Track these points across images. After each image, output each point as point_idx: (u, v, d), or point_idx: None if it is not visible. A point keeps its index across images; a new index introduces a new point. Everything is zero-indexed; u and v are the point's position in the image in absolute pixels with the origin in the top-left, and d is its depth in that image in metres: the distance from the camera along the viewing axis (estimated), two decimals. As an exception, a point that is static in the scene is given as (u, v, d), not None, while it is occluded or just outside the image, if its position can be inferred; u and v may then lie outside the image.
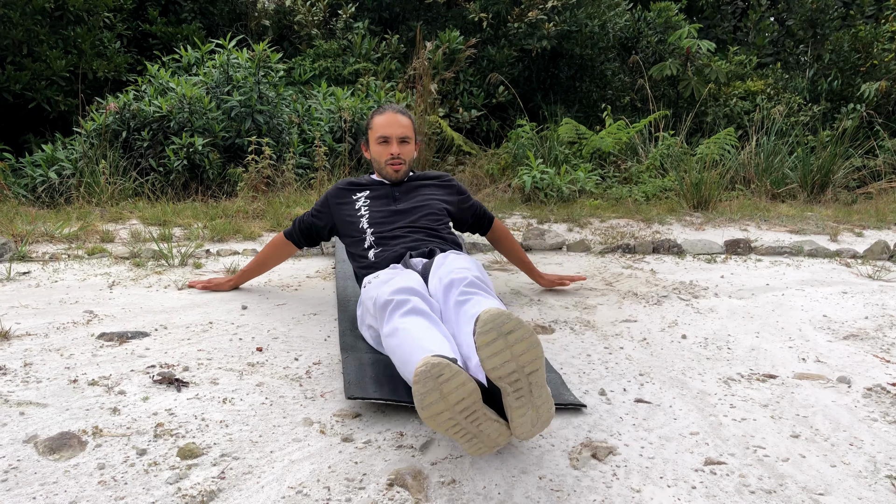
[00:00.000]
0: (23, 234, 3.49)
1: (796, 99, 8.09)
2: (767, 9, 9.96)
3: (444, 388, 1.36)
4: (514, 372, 1.41)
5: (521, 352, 1.41)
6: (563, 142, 6.56)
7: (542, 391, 1.46)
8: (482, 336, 1.40)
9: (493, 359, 1.40)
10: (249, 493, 1.37)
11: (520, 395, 1.43)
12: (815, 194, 6.13)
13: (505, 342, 1.40)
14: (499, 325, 1.40)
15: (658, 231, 4.41)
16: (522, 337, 1.41)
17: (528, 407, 1.44)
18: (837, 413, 1.84)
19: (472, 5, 7.81)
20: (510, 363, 1.41)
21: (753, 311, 2.78)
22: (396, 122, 2.51)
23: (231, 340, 2.24)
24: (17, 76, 6.24)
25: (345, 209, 2.54)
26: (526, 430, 1.47)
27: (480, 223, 2.81)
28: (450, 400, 1.37)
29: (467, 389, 1.38)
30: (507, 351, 1.40)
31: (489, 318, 1.41)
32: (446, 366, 1.37)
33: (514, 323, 1.41)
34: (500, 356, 1.40)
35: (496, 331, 1.40)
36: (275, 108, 5.64)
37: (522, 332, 1.42)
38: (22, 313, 2.43)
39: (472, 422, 1.40)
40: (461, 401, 1.38)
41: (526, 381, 1.42)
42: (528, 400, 1.44)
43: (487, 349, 1.40)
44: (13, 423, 1.62)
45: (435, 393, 1.36)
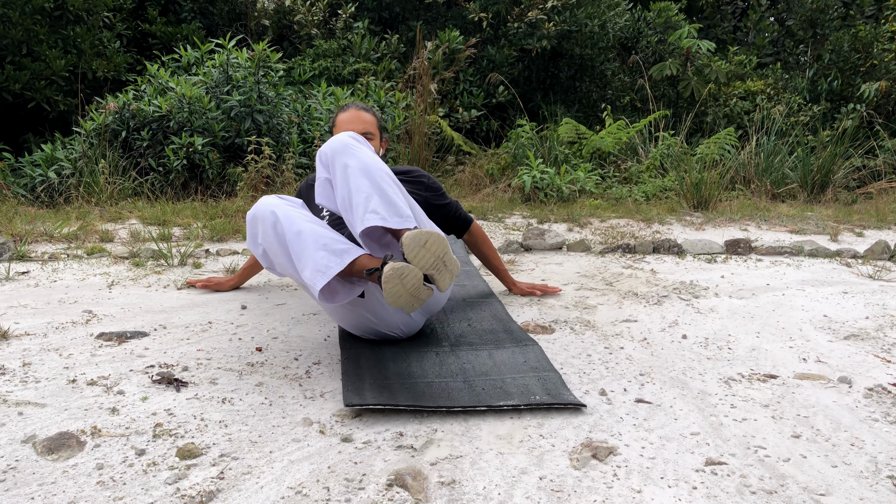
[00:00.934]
0: (22, 234, 3.48)
1: (796, 99, 8.09)
2: (767, 9, 9.96)
3: (405, 281, 1.87)
4: (435, 261, 1.92)
5: (436, 248, 1.90)
6: (562, 142, 6.55)
7: (450, 259, 1.96)
8: (410, 251, 1.88)
9: (420, 261, 1.89)
10: (249, 494, 1.37)
11: (440, 271, 1.95)
12: (815, 194, 6.13)
13: (426, 249, 1.90)
14: (417, 239, 1.88)
15: (658, 231, 4.40)
16: (435, 240, 1.90)
17: (445, 273, 1.96)
18: (838, 413, 1.83)
19: (471, 5, 7.81)
20: (431, 258, 1.91)
21: (754, 311, 2.77)
22: (359, 119, 2.49)
23: (230, 340, 2.24)
24: (16, 76, 6.23)
25: (312, 204, 2.49)
26: (446, 283, 1.98)
27: (454, 224, 2.72)
28: (407, 286, 1.88)
29: (417, 276, 1.89)
30: (427, 253, 1.90)
31: (409, 237, 1.88)
32: (406, 268, 1.86)
33: (426, 234, 1.89)
34: (425, 258, 1.90)
35: (417, 245, 1.88)
36: (274, 107, 5.63)
37: (433, 237, 1.90)
38: (21, 313, 2.42)
39: (416, 293, 1.91)
40: (413, 285, 1.89)
41: (442, 262, 1.94)
42: (445, 270, 1.96)
43: (416, 258, 1.89)
44: (11, 423, 1.61)
45: (398, 286, 1.86)
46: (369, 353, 2.09)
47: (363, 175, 1.99)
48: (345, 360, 2.03)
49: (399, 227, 1.94)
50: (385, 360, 2.04)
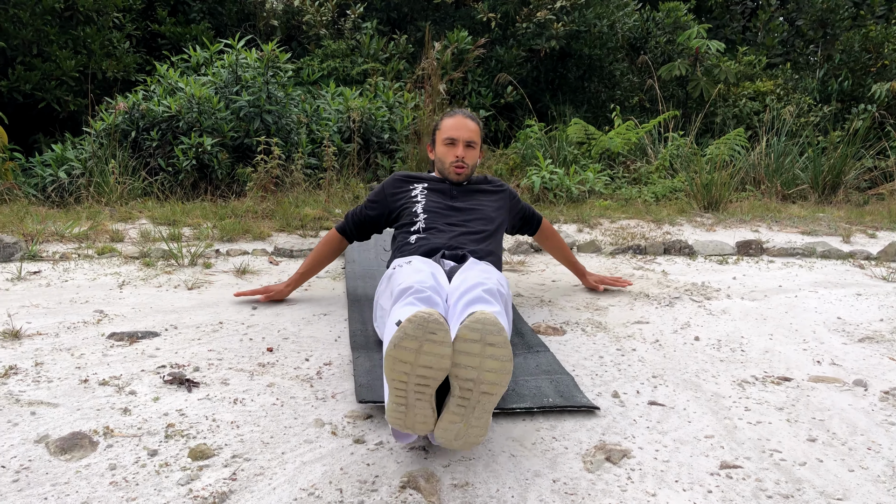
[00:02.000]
0: (33, 234, 3.49)
1: (806, 99, 8.04)
2: (777, 9, 9.91)
3: (425, 346, 1.36)
4: (471, 381, 1.40)
5: (489, 368, 1.40)
6: (571, 142, 6.53)
7: (483, 416, 1.43)
8: (466, 331, 1.40)
9: (462, 356, 1.40)
10: (261, 495, 1.36)
11: (462, 405, 1.42)
12: (826, 195, 6.09)
13: (481, 349, 1.39)
14: (486, 332, 1.39)
15: (668, 232, 4.38)
16: (498, 356, 1.40)
17: (461, 420, 1.43)
18: (854, 416, 1.82)
19: (480, 5, 7.80)
20: (472, 370, 1.40)
21: (766, 312, 2.75)
22: (465, 126, 2.56)
23: (241, 341, 2.23)
24: (27, 76, 6.25)
25: (401, 197, 2.58)
26: (446, 438, 1.45)
27: (529, 224, 2.86)
28: (420, 359, 1.37)
29: (442, 363, 1.38)
30: (477, 358, 1.39)
31: (480, 320, 1.40)
32: (443, 330, 1.36)
33: (501, 340, 1.40)
34: (469, 358, 1.40)
35: (480, 334, 1.39)
36: (283, 108, 5.63)
37: (502, 352, 1.40)
38: (33, 313, 2.43)
39: (417, 392, 1.39)
40: (429, 367, 1.37)
41: (476, 397, 1.41)
42: (466, 414, 1.42)
43: (462, 345, 1.39)
44: (24, 423, 1.61)
45: (415, 343, 1.36)
46: (381, 354, 2.08)
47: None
48: (357, 359, 2.02)
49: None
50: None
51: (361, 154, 6.01)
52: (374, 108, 6.22)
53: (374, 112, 6.18)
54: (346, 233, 2.68)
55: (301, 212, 4.33)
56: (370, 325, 2.36)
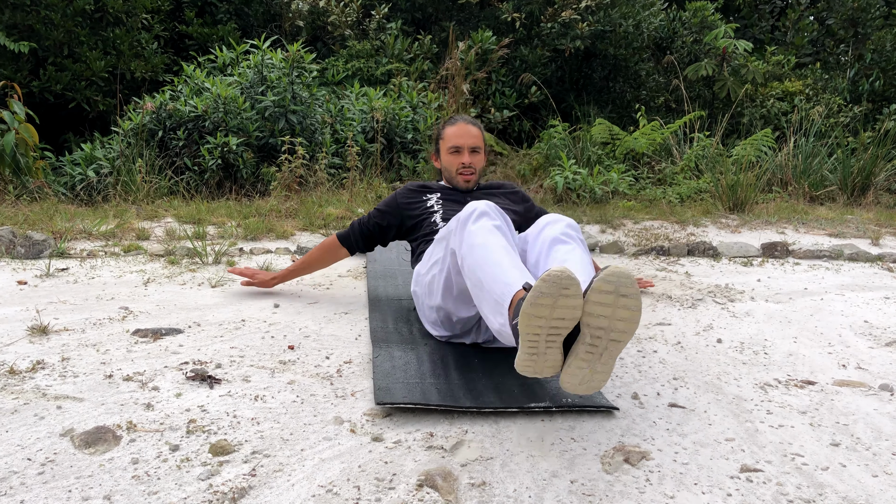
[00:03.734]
0: (62, 232, 3.55)
1: (836, 100, 7.92)
2: (807, 8, 9.77)
3: (560, 301, 1.44)
4: (602, 329, 1.48)
5: (621, 318, 1.47)
6: (596, 142, 6.50)
7: (609, 361, 1.52)
8: (603, 283, 1.46)
9: (596, 307, 1.47)
10: (280, 491, 1.38)
11: (590, 351, 1.50)
12: (855, 197, 5.99)
13: (614, 300, 1.46)
14: (619, 284, 1.46)
15: (693, 233, 4.34)
16: (630, 307, 1.47)
17: (588, 364, 1.51)
18: (879, 421, 1.79)
19: (504, 5, 7.79)
20: (605, 319, 1.47)
21: (791, 315, 2.72)
22: (468, 133, 2.57)
23: (263, 338, 2.25)
24: (57, 77, 6.37)
25: (415, 207, 2.57)
26: (571, 383, 1.54)
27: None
28: (555, 312, 1.45)
29: (574, 313, 1.46)
30: (610, 308, 1.47)
31: (617, 273, 1.46)
32: (575, 284, 1.44)
33: (633, 291, 1.47)
34: (603, 308, 1.47)
35: (614, 286, 1.46)
36: (308, 108, 5.67)
37: (634, 303, 1.47)
38: (60, 309, 2.47)
39: (549, 340, 1.49)
40: (562, 319, 1.46)
41: (605, 343, 1.49)
42: (594, 359, 1.51)
43: (598, 296, 1.46)
44: (51, 417, 1.64)
45: (550, 299, 1.44)
46: (400, 353, 2.09)
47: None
48: (376, 358, 2.03)
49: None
50: (416, 360, 2.04)
51: (385, 154, 6.04)
52: (398, 109, 6.24)
53: (397, 112, 6.20)
54: (348, 241, 2.65)
55: (324, 211, 4.36)
56: (390, 324, 2.37)
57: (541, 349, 1.49)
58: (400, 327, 2.35)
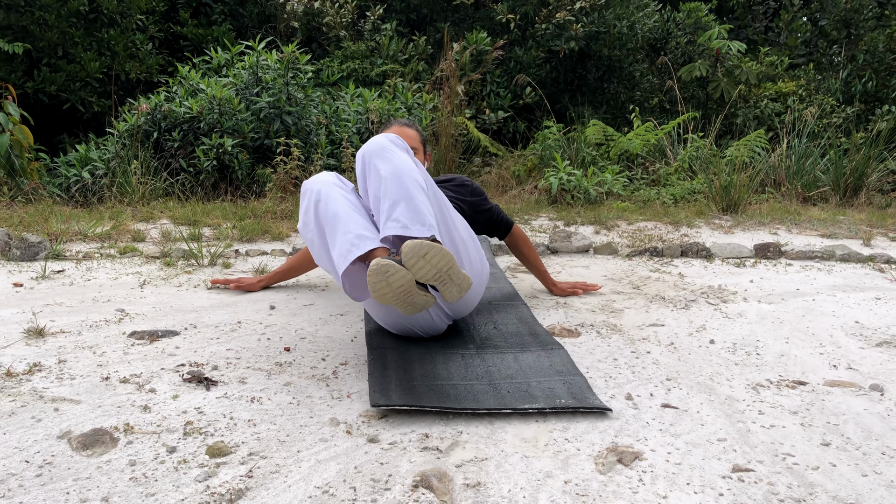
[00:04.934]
0: (57, 233, 3.56)
1: (829, 100, 7.96)
2: (800, 9, 9.81)
3: (390, 279, 1.83)
4: (437, 273, 1.88)
5: (438, 261, 1.85)
6: (590, 143, 6.52)
7: (458, 275, 1.92)
8: (408, 261, 1.83)
9: (419, 272, 1.85)
10: (277, 492, 1.39)
11: (444, 283, 1.92)
12: (847, 198, 6.03)
13: (425, 260, 1.84)
14: (417, 249, 1.83)
15: (686, 234, 4.37)
16: (436, 252, 1.84)
17: (451, 285, 1.93)
18: (869, 422, 1.81)
19: (499, 6, 7.81)
20: (432, 270, 1.87)
21: (783, 316, 2.74)
22: (404, 134, 2.61)
23: (259, 340, 2.27)
24: (52, 78, 6.36)
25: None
26: (453, 296, 1.96)
27: (496, 227, 2.82)
28: (393, 286, 1.84)
29: (406, 279, 1.84)
30: (427, 265, 1.85)
31: (410, 245, 1.82)
32: (392, 266, 1.82)
33: (427, 247, 1.83)
34: (424, 269, 1.85)
35: (415, 253, 1.83)
36: (303, 109, 5.68)
37: (434, 250, 1.84)
38: (56, 311, 2.48)
39: (406, 296, 1.89)
40: (401, 286, 1.85)
41: (446, 276, 1.90)
42: (451, 283, 1.93)
43: (414, 267, 1.84)
44: (48, 419, 1.65)
45: (383, 282, 1.83)
46: (396, 355, 2.10)
47: (393, 180, 1.99)
48: (371, 360, 2.05)
49: (419, 235, 1.91)
50: (411, 362, 2.06)
51: (380, 155, 6.03)
52: (393, 110, 6.25)
53: (392, 113, 6.21)
54: None
55: (319, 212, 4.36)
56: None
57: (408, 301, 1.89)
58: (395, 329, 2.36)
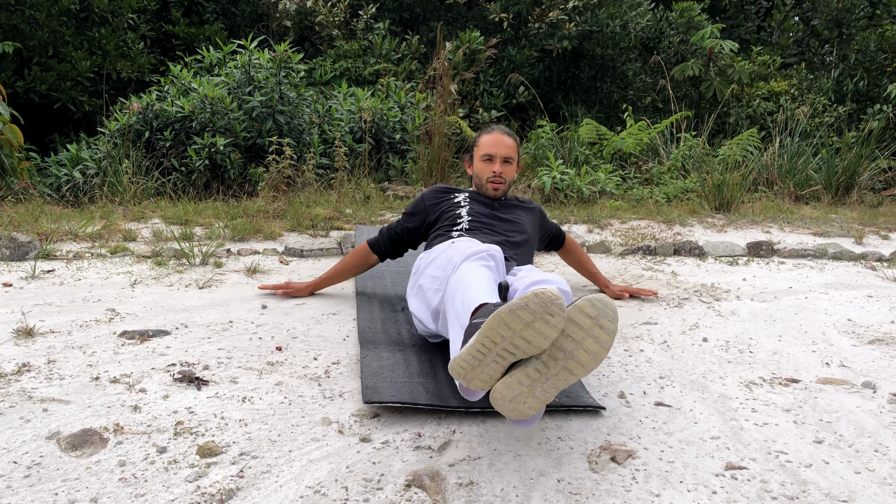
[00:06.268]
0: (47, 233, 3.53)
1: (821, 100, 7.99)
2: (792, 8, 9.84)
3: (536, 324, 1.37)
4: (563, 352, 1.42)
5: (587, 348, 1.42)
6: (583, 142, 6.53)
7: (552, 390, 1.44)
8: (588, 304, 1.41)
9: (569, 325, 1.41)
10: (268, 493, 1.38)
11: (539, 370, 1.42)
12: (839, 196, 6.05)
13: (591, 326, 1.42)
14: (602, 313, 1.42)
15: (679, 233, 4.37)
16: (601, 340, 1.42)
17: (530, 383, 1.43)
18: (862, 419, 1.81)
19: (492, 5, 7.80)
20: (572, 343, 1.42)
21: (776, 314, 2.74)
22: (502, 143, 2.62)
23: (251, 339, 2.25)
24: (42, 77, 6.33)
25: (443, 203, 2.62)
26: (503, 397, 1.44)
27: (557, 241, 2.95)
28: (525, 332, 1.37)
29: (543, 343, 1.39)
30: (582, 332, 1.41)
31: (602, 300, 1.42)
32: (561, 313, 1.37)
33: (612, 328, 1.43)
34: (575, 330, 1.42)
35: (597, 311, 1.42)
36: (295, 108, 5.66)
37: (606, 338, 1.42)
38: (46, 311, 2.46)
39: (500, 356, 1.41)
40: (527, 342, 1.38)
41: (558, 368, 1.42)
42: (539, 380, 1.43)
43: (576, 314, 1.41)
44: (36, 420, 1.64)
45: (530, 316, 1.36)
46: (388, 353, 2.10)
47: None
48: (364, 358, 2.04)
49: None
50: (404, 360, 2.05)
51: (373, 154, 6.03)
52: (386, 109, 6.24)
53: (385, 112, 6.20)
54: (378, 248, 2.68)
55: (312, 212, 4.35)
56: (378, 324, 2.37)
57: (487, 360, 1.42)
58: (388, 328, 2.36)
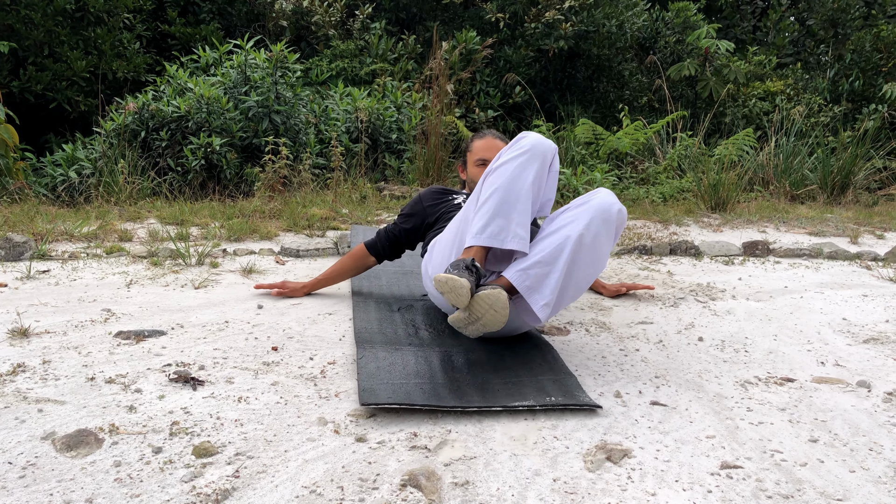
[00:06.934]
0: (43, 233, 3.52)
1: (816, 99, 8.01)
2: (788, 8, 9.87)
3: (451, 294, 1.93)
4: (477, 316, 1.98)
5: (491, 318, 1.95)
6: (579, 142, 6.53)
7: (478, 333, 2.02)
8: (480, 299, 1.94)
9: (475, 306, 1.95)
10: (264, 493, 1.38)
11: (466, 318, 2.00)
12: (835, 196, 6.06)
13: (488, 307, 1.94)
14: (493, 303, 1.92)
15: (675, 232, 4.38)
16: (496, 317, 1.95)
17: (464, 324, 2.00)
18: (857, 418, 1.81)
19: (489, 5, 7.81)
20: (482, 312, 1.96)
21: (771, 313, 2.75)
22: (495, 147, 2.64)
23: (247, 339, 2.25)
24: (38, 77, 6.31)
25: (441, 205, 2.64)
26: (454, 322, 2.02)
27: None
28: (449, 295, 1.93)
29: (461, 301, 1.93)
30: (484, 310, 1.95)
31: (490, 297, 1.92)
32: (465, 293, 1.91)
33: (502, 307, 1.93)
34: (479, 309, 1.95)
35: (489, 305, 1.95)
36: (292, 108, 5.66)
37: (499, 315, 1.95)
38: (41, 311, 2.46)
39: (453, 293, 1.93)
40: (456, 297, 1.92)
41: (474, 321, 1.98)
42: (469, 323, 1.99)
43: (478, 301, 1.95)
44: (31, 420, 1.63)
45: (446, 288, 1.92)
46: (385, 354, 2.10)
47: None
48: (360, 359, 2.04)
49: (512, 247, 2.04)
50: (401, 360, 2.05)
51: (369, 154, 6.03)
52: (382, 109, 6.24)
53: (382, 112, 6.20)
54: (376, 250, 2.69)
55: (308, 212, 4.35)
56: (375, 325, 2.37)
57: (445, 291, 1.94)
58: (384, 328, 2.35)
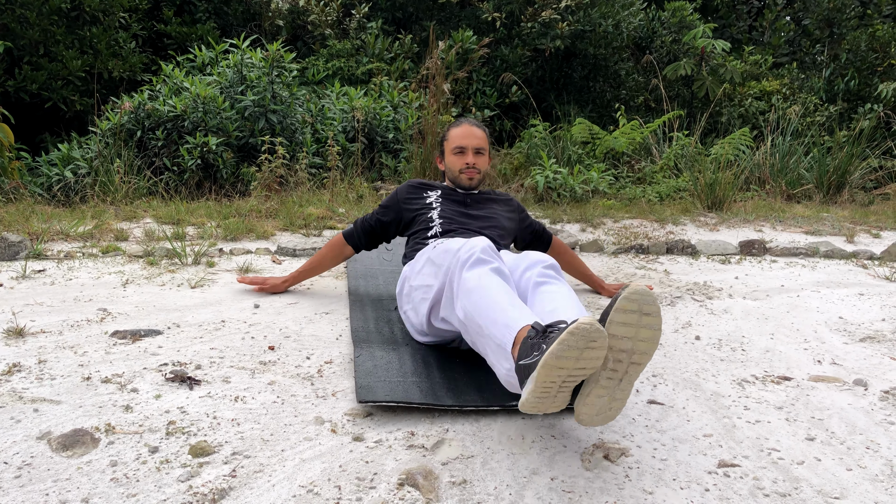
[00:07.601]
0: (38, 233, 3.51)
1: (812, 99, 8.02)
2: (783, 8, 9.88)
3: (585, 353, 1.37)
4: (625, 351, 1.44)
5: (643, 338, 1.44)
6: (576, 142, 6.53)
7: (628, 386, 1.47)
8: (626, 302, 1.42)
9: (619, 328, 1.43)
10: (260, 492, 1.37)
11: (611, 377, 1.45)
12: (831, 195, 6.08)
13: (637, 320, 1.43)
14: (643, 302, 1.43)
15: (672, 231, 4.38)
16: (653, 325, 1.44)
17: (608, 392, 1.46)
18: (853, 416, 1.82)
19: (485, 5, 7.80)
20: (629, 341, 1.43)
21: (768, 312, 2.75)
22: (472, 134, 2.61)
23: (243, 339, 2.25)
24: (33, 76, 6.29)
25: (414, 202, 2.61)
26: (588, 415, 1.48)
27: (540, 240, 2.86)
28: (578, 364, 1.38)
29: (596, 363, 1.41)
30: (634, 329, 1.43)
31: (640, 292, 1.43)
32: (602, 336, 1.38)
33: (655, 309, 1.44)
34: (626, 329, 1.43)
35: (638, 305, 1.43)
36: (288, 107, 5.65)
37: (655, 321, 1.44)
38: (37, 311, 2.45)
39: (564, 385, 1.43)
40: (583, 369, 1.40)
41: (625, 367, 1.45)
42: (614, 386, 1.46)
43: (622, 317, 1.43)
44: (27, 420, 1.63)
45: (576, 352, 1.37)
46: (382, 352, 2.09)
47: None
48: (357, 357, 2.03)
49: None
50: (398, 359, 2.05)
51: (366, 153, 6.03)
52: (379, 108, 6.24)
53: (378, 112, 6.19)
54: (353, 240, 2.70)
55: (305, 211, 4.34)
56: (372, 324, 2.37)
57: (552, 393, 1.44)
58: (381, 327, 2.35)
